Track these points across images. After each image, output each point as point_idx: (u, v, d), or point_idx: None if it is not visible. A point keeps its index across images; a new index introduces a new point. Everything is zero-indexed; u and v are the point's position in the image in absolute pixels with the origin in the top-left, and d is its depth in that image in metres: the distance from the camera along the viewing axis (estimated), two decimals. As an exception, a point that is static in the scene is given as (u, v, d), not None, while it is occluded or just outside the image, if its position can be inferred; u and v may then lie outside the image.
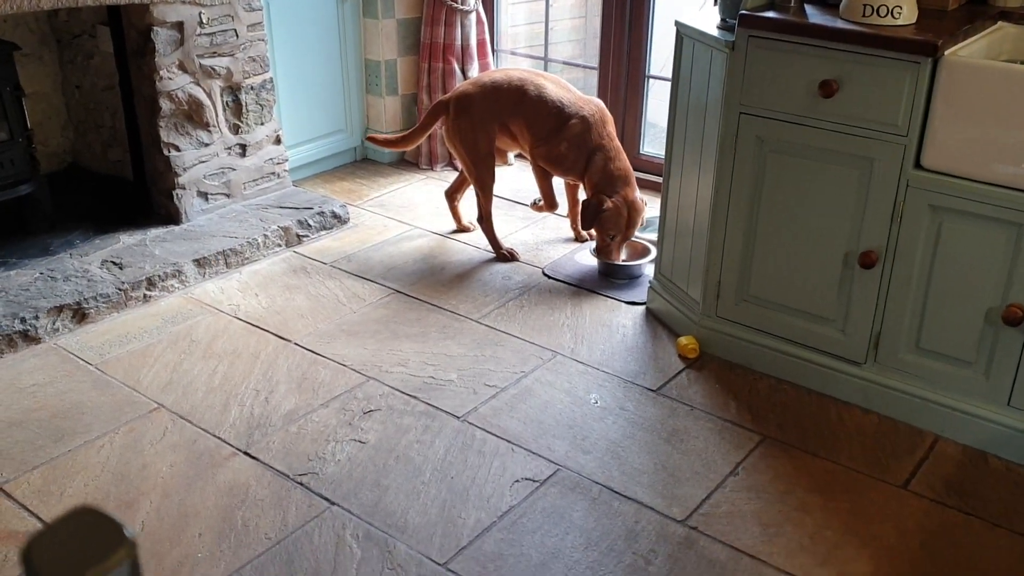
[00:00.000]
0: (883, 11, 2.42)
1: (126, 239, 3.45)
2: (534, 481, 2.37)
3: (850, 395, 2.68)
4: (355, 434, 2.54)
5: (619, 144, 3.40)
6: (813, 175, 2.55)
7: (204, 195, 3.64)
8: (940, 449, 2.50)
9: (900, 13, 2.42)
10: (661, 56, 4.23)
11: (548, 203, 3.63)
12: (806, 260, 2.64)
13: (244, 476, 2.39)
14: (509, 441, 2.51)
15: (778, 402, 2.69)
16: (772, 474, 2.41)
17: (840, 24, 2.44)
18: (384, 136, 3.80)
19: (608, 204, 3.26)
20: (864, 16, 2.43)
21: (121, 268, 3.25)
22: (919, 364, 2.55)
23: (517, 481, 2.37)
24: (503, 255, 3.55)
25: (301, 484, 2.36)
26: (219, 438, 2.53)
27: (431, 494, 2.32)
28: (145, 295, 3.20)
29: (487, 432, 2.55)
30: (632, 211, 3.31)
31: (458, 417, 2.62)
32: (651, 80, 4.07)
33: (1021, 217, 2.28)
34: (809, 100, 2.49)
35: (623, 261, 3.43)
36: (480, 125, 3.41)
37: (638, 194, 3.35)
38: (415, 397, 2.70)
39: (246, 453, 2.47)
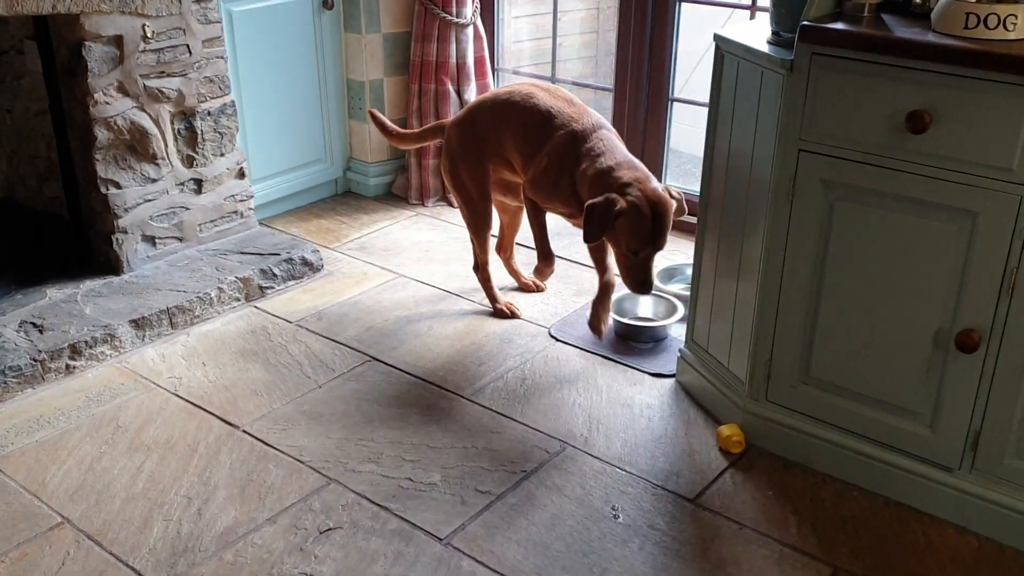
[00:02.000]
0: (992, 21, 1.86)
1: (54, 293, 2.90)
2: (537, 639, 1.80)
3: (941, 509, 2.11)
4: (307, 564, 1.97)
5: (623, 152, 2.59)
6: (896, 231, 1.99)
7: (151, 239, 3.08)
8: (1065, 588, 1.92)
9: (1015, 25, 1.86)
10: (683, 75, 3.68)
11: (541, 254, 2.80)
12: (885, 337, 2.07)
13: (159, 626, 1.83)
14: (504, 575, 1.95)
15: (849, 517, 2.11)
16: (850, 626, 1.83)
17: (934, 39, 1.88)
18: (386, 121, 3.09)
19: (622, 203, 2.38)
20: (967, 28, 1.87)
21: (41, 332, 2.69)
22: (1033, 474, 1.98)
23: (515, 639, 1.80)
24: (501, 311, 2.98)
25: (231, 641, 1.79)
26: (132, 569, 1.96)
27: (400, 661, 1.75)
28: (68, 366, 2.64)
29: (477, 562, 1.98)
30: (659, 208, 2.41)
31: (440, 540, 2.05)
32: (675, 104, 3.51)
33: None
34: (892, 136, 1.93)
35: (644, 321, 2.86)
36: (466, 158, 2.82)
37: (660, 185, 2.48)
38: (387, 509, 2.14)
39: (165, 592, 1.91)
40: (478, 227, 2.91)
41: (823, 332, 2.16)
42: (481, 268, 2.98)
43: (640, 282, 2.49)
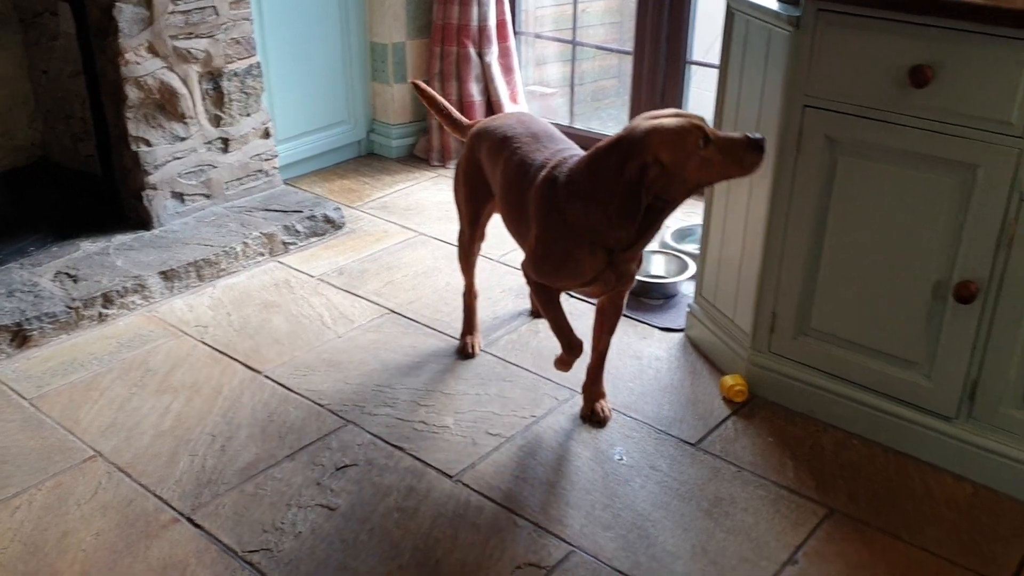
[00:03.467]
0: (994, -24, 1.89)
1: (87, 246, 3.02)
2: (540, 568, 1.88)
3: (938, 457, 2.16)
4: (323, 497, 2.08)
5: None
6: (898, 184, 2.04)
7: (179, 196, 3.19)
8: (1055, 533, 1.98)
9: (1016, -21, 1.89)
10: (705, 40, 3.71)
11: (567, 345, 2.21)
12: (885, 289, 2.13)
13: (183, 550, 1.93)
14: (512, 511, 2.03)
15: (847, 463, 2.18)
16: (841, 563, 1.90)
17: (936, -6, 1.91)
18: (431, 91, 2.58)
19: (643, 151, 1.85)
20: (969, -17, 1.91)
21: (76, 281, 2.81)
22: (1028, 423, 2.03)
23: (519, 567, 1.88)
24: (463, 346, 2.61)
25: (250, 564, 1.90)
26: (160, 498, 2.08)
27: (408, 585, 1.85)
28: (100, 314, 2.76)
29: (485, 498, 2.07)
30: (689, 127, 1.87)
31: (450, 476, 2.14)
32: (692, 67, 3.55)
33: None
34: (895, 90, 1.97)
35: (655, 278, 2.92)
36: (464, 169, 2.43)
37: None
38: (400, 448, 2.23)
39: (189, 520, 2.02)
40: (460, 248, 2.55)
41: (824, 285, 2.22)
42: (465, 295, 2.63)
43: (747, 138, 1.89)
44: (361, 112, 3.94)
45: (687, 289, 2.89)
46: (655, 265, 3.01)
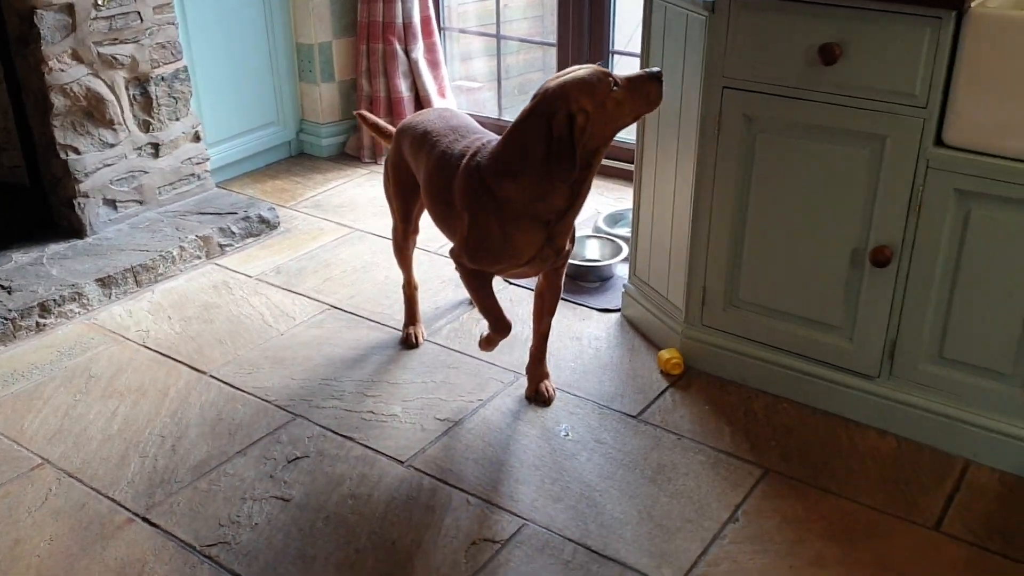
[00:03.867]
0: (892, -42, 2.01)
1: (19, 257, 2.98)
2: (494, 543, 1.95)
3: (863, 415, 2.29)
4: (277, 489, 2.11)
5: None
6: (813, 158, 2.15)
7: (112, 203, 3.17)
8: (973, 478, 2.11)
9: (912, -40, 2.01)
10: (625, 29, 3.81)
11: (496, 324, 2.24)
12: (806, 258, 2.24)
13: (140, 549, 1.95)
14: (464, 491, 2.09)
15: (779, 425, 2.29)
16: (779, 518, 2.01)
17: (840, -24, 2.03)
18: (373, 119, 2.75)
19: (564, 106, 1.93)
20: (869, -35, 2.02)
21: (10, 292, 2.78)
22: (943, 377, 2.16)
23: (474, 544, 1.95)
24: (407, 336, 2.66)
25: (209, 558, 1.92)
26: (113, 500, 2.09)
27: (367, 567, 1.90)
28: (38, 323, 2.74)
29: (437, 480, 2.13)
30: (600, 73, 1.98)
31: (402, 462, 2.19)
32: (616, 56, 3.65)
33: (1066, 201, 1.89)
34: (807, 69, 2.08)
35: (591, 262, 3.01)
36: (392, 166, 2.48)
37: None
38: (350, 438, 2.27)
39: (144, 519, 2.03)
40: (394, 243, 2.60)
41: (750, 258, 2.32)
42: (405, 288, 2.67)
43: (650, 73, 2.03)
44: (290, 113, 3.96)
45: (621, 271, 2.98)
46: (590, 249, 3.10)
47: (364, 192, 3.68)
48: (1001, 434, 2.11)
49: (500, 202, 2.04)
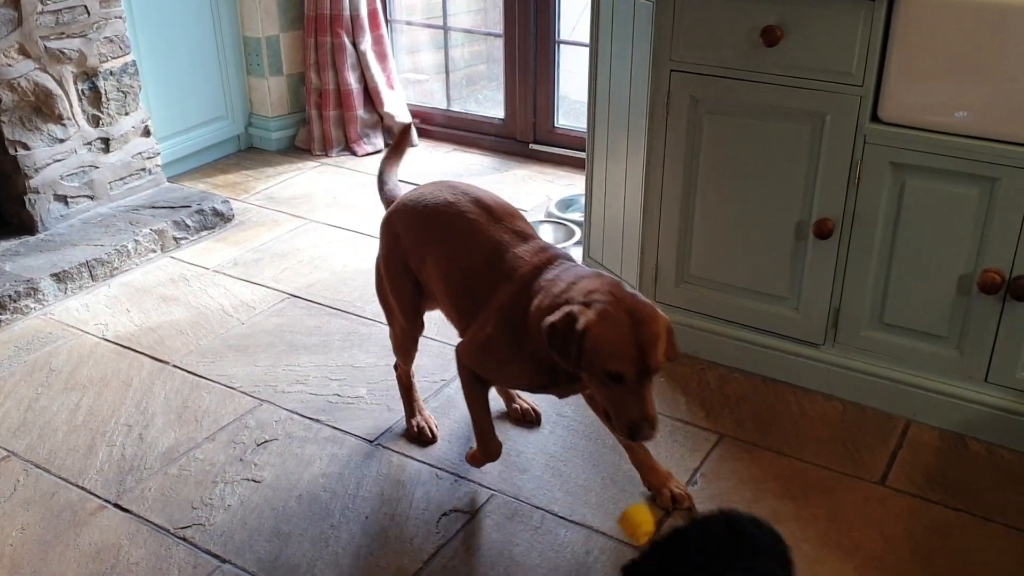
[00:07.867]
0: (827, -56, 2.12)
1: (-30, 255, 2.96)
2: (465, 512, 2.01)
3: (810, 381, 2.40)
4: (247, 472, 2.15)
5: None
6: (757, 136, 2.25)
7: (63, 199, 3.15)
8: (914, 436, 2.23)
9: (846, -54, 2.12)
10: (569, 19, 3.89)
11: (484, 446, 2.02)
12: (752, 233, 2.35)
13: (114, 534, 1.97)
14: (432, 465, 2.15)
15: (731, 394, 2.39)
16: (735, 480, 2.10)
17: (779, -38, 2.13)
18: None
19: (588, 315, 1.65)
20: (806, -49, 2.13)
21: (-37, 290, 2.76)
22: (885, 342, 2.28)
23: (445, 514, 2.01)
24: (413, 429, 2.25)
25: (184, 540, 1.96)
26: (83, 488, 2.10)
27: (342, 540, 1.95)
28: (-7, 320, 2.73)
29: (405, 456, 2.19)
30: (640, 314, 1.70)
31: (371, 441, 2.24)
32: (562, 46, 3.73)
33: (993, 170, 2.02)
34: (750, 51, 2.18)
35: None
36: (388, 263, 2.12)
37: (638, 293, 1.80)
38: (318, 421, 2.32)
39: (116, 505, 2.06)
40: (398, 347, 2.24)
41: (699, 234, 2.42)
42: (401, 376, 2.29)
43: (635, 420, 1.67)
44: (239, 106, 3.96)
45: (575, 253, 3.06)
46: (543, 234, 3.16)
47: (316, 184, 3.70)
48: (939, 393, 2.24)
49: (520, 339, 1.81)
